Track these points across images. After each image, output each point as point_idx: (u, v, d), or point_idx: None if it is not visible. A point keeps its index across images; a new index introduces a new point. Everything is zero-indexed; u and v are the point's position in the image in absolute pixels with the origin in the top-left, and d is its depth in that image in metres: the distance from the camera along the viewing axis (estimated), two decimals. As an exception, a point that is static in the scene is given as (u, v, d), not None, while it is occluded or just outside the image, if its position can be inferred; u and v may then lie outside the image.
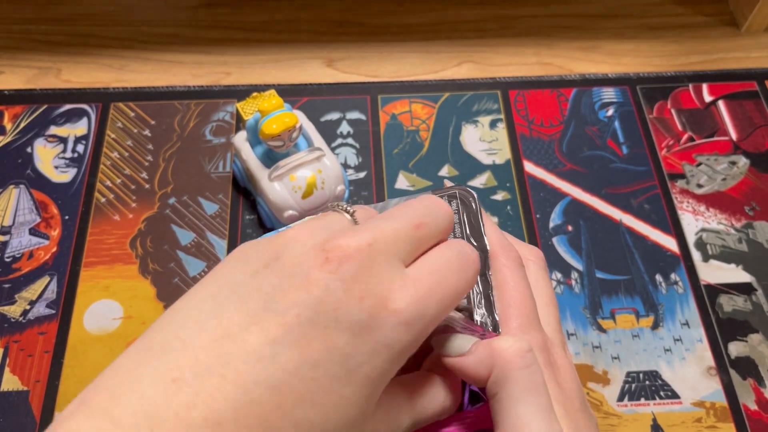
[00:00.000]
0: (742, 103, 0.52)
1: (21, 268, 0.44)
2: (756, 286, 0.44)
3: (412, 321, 0.20)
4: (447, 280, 0.22)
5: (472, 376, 0.23)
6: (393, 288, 0.20)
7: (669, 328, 0.42)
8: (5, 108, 0.51)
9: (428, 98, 0.52)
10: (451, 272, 0.22)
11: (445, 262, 0.22)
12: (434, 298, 0.21)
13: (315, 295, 0.19)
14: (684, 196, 0.48)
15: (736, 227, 0.46)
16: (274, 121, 0.41)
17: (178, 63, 0.54)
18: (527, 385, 0.23)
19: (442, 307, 0.21)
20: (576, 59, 0.55)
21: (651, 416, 0.39)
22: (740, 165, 0.49)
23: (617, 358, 0.41)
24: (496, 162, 0.49)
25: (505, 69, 0.54)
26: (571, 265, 0.45)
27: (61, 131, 0.50)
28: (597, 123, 0.51)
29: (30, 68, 0.53)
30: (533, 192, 0.48)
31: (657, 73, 0.54)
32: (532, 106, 0.52)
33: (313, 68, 0.54)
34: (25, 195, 0.47)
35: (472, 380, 0.24)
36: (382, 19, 0.57)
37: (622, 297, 0.43)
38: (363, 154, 0.49)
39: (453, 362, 0.24)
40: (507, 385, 0.23)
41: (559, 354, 0.26)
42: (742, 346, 0.42)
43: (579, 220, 0.46)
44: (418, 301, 0.21)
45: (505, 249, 0.27)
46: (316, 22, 0.57)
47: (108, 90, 0.52)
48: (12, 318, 0.42)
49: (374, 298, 0.20)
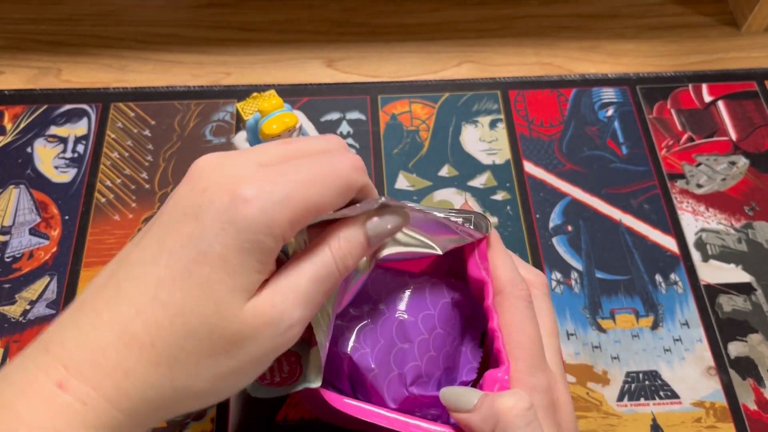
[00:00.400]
0: (741, 103, 0.52)
1: (21, 268, 0.44)
2: (755, 286, 0.44)
3: (254, 198, 0.22)
4: (304, 169, 0.24)
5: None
6: (239, 178, 0.23)
7: (669, 328, 0.42)
8: (5, 108, 0.51)
9: (428, 98, 0.52)
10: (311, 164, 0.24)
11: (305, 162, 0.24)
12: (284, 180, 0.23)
13: (171, 202, 0.24)
14: (684, 196, 0.48)
15: (735, 227, 0.46)
16: (274, 121, 0.41)
17: (178, 63, 0.54)
18: None
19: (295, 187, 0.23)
20: (576, 59, 0.55)
21: (650, 416, 0.39)
22: (740, 165, 0.49)
23: (617, 358, 0.41)
24: (495, 162, 0.49)
25: (505, 69, 0.54)
26: (570, 265, 0.45)
27: (62, 131, 0.50)
28: (597, 123, 0.51)
29: (30, 68, 0.54)
30: (533, 192, 0.48)
31: (657, 73, 0.54)
32: (532, 106, 0.52)
33: (313, 68, 0.54)
34: (25, 195, 0.47)
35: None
36: (382, 19, 0.57)
37: (622, 297, 0.43)
38: (363, 154, 0.49)
39: (460, 418, 0.26)
40: None
41: (561, 391, 0.28)
42: (742, 346, 0.42)
43: (579, 220, 0.46)
44: (263, 181, 0.23)
45: (515, 287, 0.29)
46: (316, 22, 0.57)
47: (108, 90, 0.52)
48: (12, 318, 0.42)
49: (216, 187, 0.23)
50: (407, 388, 0.29)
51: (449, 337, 0.31)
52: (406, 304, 0.30)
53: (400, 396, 0.29)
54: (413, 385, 0.29)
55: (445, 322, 0.30)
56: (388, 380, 0.29)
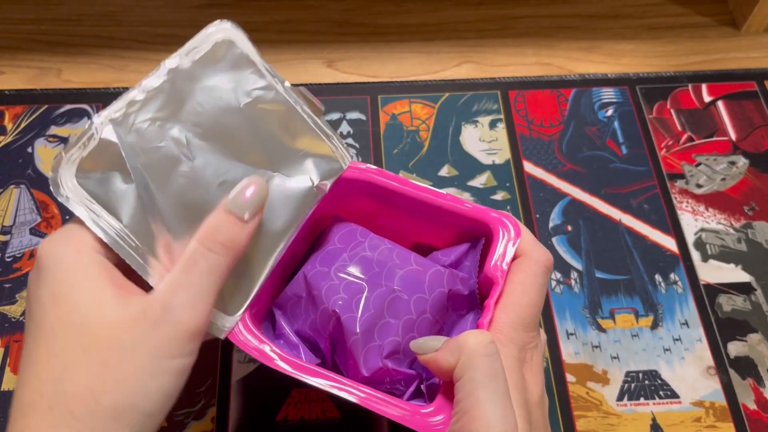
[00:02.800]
0: (741, 104, 0.52)
1: (22, 268, 0.44)
2: (755, 285, 0.44)
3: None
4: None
5: (443, 366, 0.26)
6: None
7: (668, 327, 0.42)
8: (6, 108, 0.51)
9: (428, 98, 0.52)
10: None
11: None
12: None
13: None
14: (683, 196, 0.48)
15: (735, 227, 0.46)
16: (274, 122, 0.41)
17: (178, 63, 0.54)
18: (488, 370, 0.25)
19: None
20: (576, 59, 0.55)
21: (650, 416, 0.39)
22: (739, 165, 0.49)
23: (617, 357, 0.41)
24: (495, 162, 0.49)
25: (505, 69, 0.55)
26: (570, 265, 0.45)
27: (62, 131, 0.50)
28: (596, 123, 0.51)
29: (30, 68, 0.54)
30: (533, 192, 0.48)
31: (656, 74, 0.54)
32: (532, 107, 0.52)
33: (313, 68, 0.54)
34: (25, 195, 0.47)
35: (442, 370, 0.26)
36: (382, 20, 0.58)
37: (622, 297, 0.44)
38: (363, 154, 0.49)
39: (427, 358, 0.27)
40: (470, 369, 0.25)
41: (536, 354, 0.29)
42: (742, 345, 0.42)
43: (578, 220, 0.47)
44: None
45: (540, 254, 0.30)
46: (316, 22, 0.57)
47: (108, 90, 0.52)
48: (13, 318, 0.42)
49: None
50: (382, 360, 0.29)
51: (436, 325, 0.31)
52: (403, 282, 0.31)
53: (374, 366, 0.29)
54: (388, 358, 0.30)
55: (437, 310, 0.31)
56: (366, 348, 0.29)
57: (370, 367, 0.29)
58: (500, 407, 0.24)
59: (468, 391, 0.25)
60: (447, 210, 0.32)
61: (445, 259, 0.34)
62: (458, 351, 0.26)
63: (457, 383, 0.25)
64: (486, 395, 0.24)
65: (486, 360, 0.25)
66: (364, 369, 0.29)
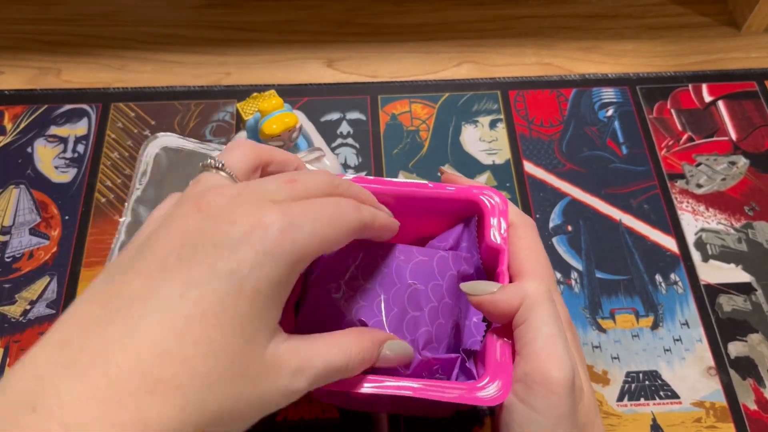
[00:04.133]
0: (741, 104, 0.52)
1: (21, 268, 0.44)
2: (755, 286, 0.44)
3: (287, 229, 0.22)
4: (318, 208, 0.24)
5: (503, 308, 0.28)
6: (264, 211, 0.22)
7: (669, 328, 0.42)
8: (5, 108, 0.51)
9: (428, 98, 0.52)
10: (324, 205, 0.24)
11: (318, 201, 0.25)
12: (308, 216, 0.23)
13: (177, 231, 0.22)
14: (683, 196, 0.48)
15: (735, 227, 0.46)
16: (274, 121, 0.41)
17: (178, 63, 0.54)
18: (552, 313, 0.27)
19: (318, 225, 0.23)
20: (576, 59, 0.55)
21: (651, 416, 0.39)
22: (740, 165, 0.49)
23: (617, 358, 0.41)
24: (495, 162, 0.49)
25: (505, 69, 0.54)
26: (570, 265, 0.45)
27: (62, 131, 0.50)
28: (597, 123, 0.51)
29: (30, 68, 0.54)
30: (533, 192, 0.48)
31: (657, 74, 0.54)
32: (532, 107, 0.52)
33: (313, 68, 0.54)
34: (25, 195, 0.47)
35: (502, 312, 0.28)
36: (382, 20, 0.58)
37: (622, 297, 0.44)
38: (363, 154, 0.49)
39: (483, 299, 0.28)
40: (536, 311, 0.27)
41: (557, 294, 0.32)
42: (742, 346, 0.42)
43: (579, 220, 0.46)
44: (289, 215, 0.23)
45: (526, 219, 0.33)
46: (316, 22, 0.57)
47: (108, 90, 0.52)
48: (12, 318, 0.42)
49: (246, 217, 0.22)
50: (420, 352, 0.29)
51: (456, 307, 0.32)
52: (416, 274, 0.31)
53: (414, 361, 0.29)
54: (425, 349, 0.30)
55: (453, 293, 0.32)
56: None
57: (411, 363, 0.29)
58: (564, 346, 0.26)
59: (535, 334, 0.27)
60: (433, 198, 0.33)
61: (443, 244, 0.34)
62: (521, 296, 0.27)
63: (521, 326, 0.27)
64: (554, 336, 0.26)
65: (549, 305, 0.27)
66: (403, 366, 0.29)
